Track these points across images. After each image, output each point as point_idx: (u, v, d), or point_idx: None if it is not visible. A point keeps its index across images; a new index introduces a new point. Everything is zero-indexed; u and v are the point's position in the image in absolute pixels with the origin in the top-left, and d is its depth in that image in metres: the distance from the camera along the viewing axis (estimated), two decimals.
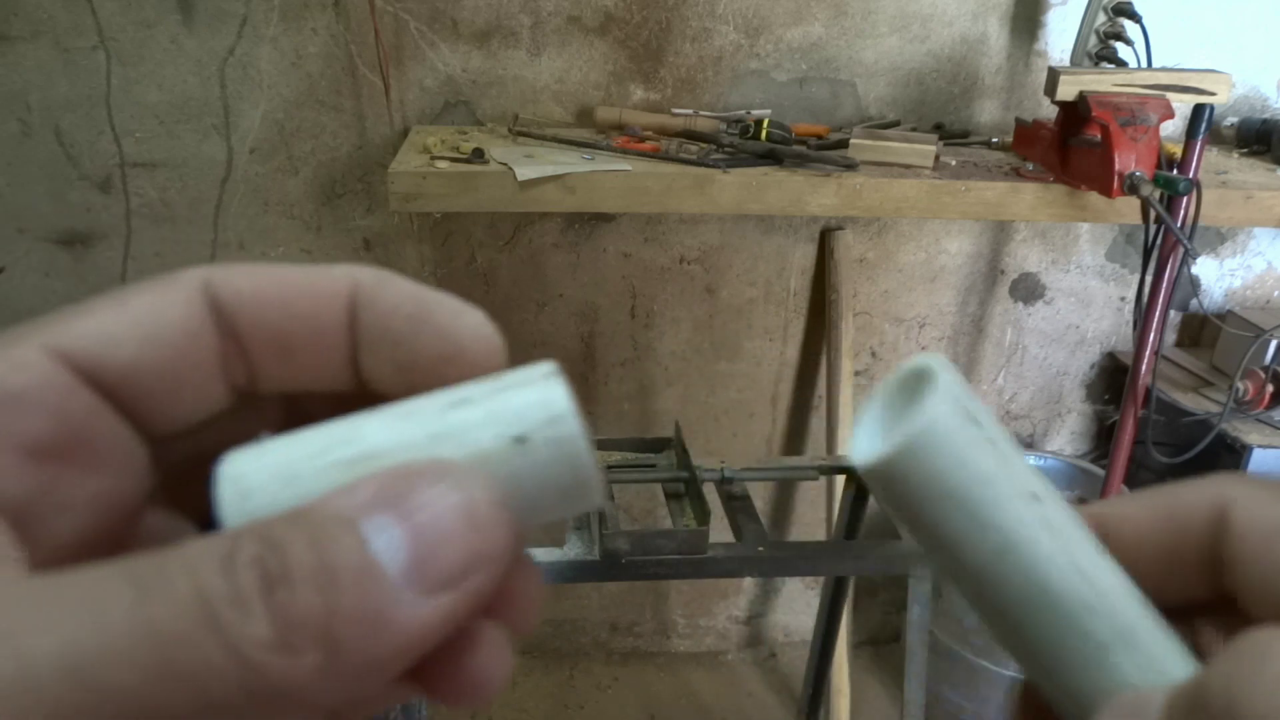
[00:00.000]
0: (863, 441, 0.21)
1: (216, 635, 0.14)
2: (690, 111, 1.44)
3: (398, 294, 0.20)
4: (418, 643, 0.16)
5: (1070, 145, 1.30)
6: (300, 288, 0.20)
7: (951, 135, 1.49)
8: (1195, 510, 0.21)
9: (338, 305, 0.20)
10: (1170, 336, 1.75)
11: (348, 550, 0.15)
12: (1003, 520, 0.20)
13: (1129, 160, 1.19)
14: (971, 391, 0.21)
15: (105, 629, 0.14)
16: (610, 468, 1.19)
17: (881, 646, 1.97)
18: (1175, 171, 1.26)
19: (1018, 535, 0.20)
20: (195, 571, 0.15)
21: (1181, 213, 1.28)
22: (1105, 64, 1.33)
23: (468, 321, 0.20)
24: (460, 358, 0.20)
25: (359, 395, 0.20)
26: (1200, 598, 0.21)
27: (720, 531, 1.08)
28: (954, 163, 1.37)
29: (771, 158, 1.31)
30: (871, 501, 1.26)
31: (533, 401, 0.18)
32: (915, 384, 0.21)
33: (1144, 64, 1.30)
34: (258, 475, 0.18)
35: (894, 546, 1.12)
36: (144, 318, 0.18)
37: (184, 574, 0.15)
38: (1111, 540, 0.21)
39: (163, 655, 0.14)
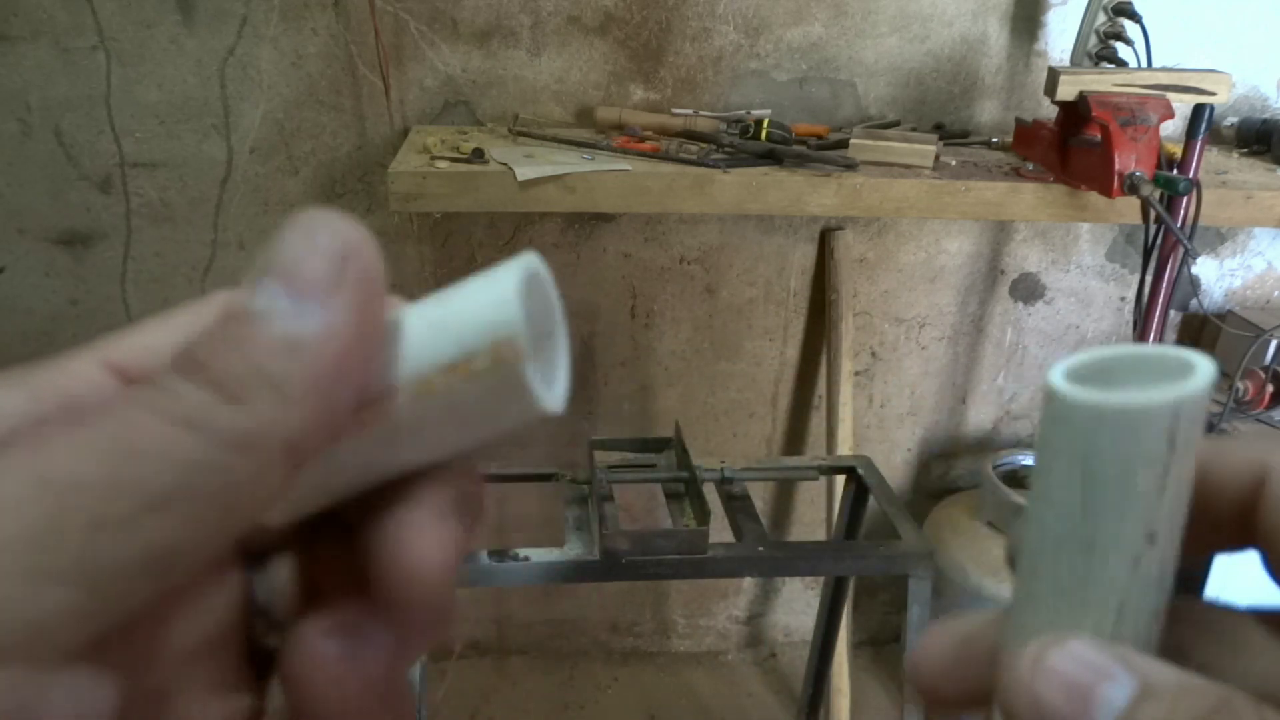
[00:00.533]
0: (1066, 375, 0.20)
1: (162, 418, 0.16)
2: (690, 111, 1.44)
3: None
4: (341, 343, 0.18)
5: (1070, 145, 1.30)
6: None
7: (951, 135, 1.49)
8: (1235, 470, 0.21)
9: None
10: (1170, 336, 1.75)
11: (241, 320, 0.18)
12: (1104, 535, 0.19)
13: (1129, 160, 1.19)
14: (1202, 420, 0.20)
15: (62, 444, 0.16)
16: (610, 468, 1.19)
17: (881, 646, 1.97)
18: (1175, 171, 1.26)
19: (1107, 552, 0.19)
20: (127, 393, 0.17)
21: (1181, 213, 1.28)
22: (1105, 64, 1.33)
23: None
24: None
25: None
26: (1229, 550, 0.22)
27: (720, 531, 1.08)
28: (954, 163, 1.37)
29: (771, 158, 1.31)
30: (872, 501, 1.26)
31: (478, 312, 0.19)
32: (1162, 368, 0.20)
33: (1144, 64, 1.30)
34: None
35: (894, 546, 1.12)
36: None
37: (121, 400, 0.17)
38: None
39: (117, 447, 0.16)
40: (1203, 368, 0.19)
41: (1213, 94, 1.22)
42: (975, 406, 1.80)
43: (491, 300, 0.19)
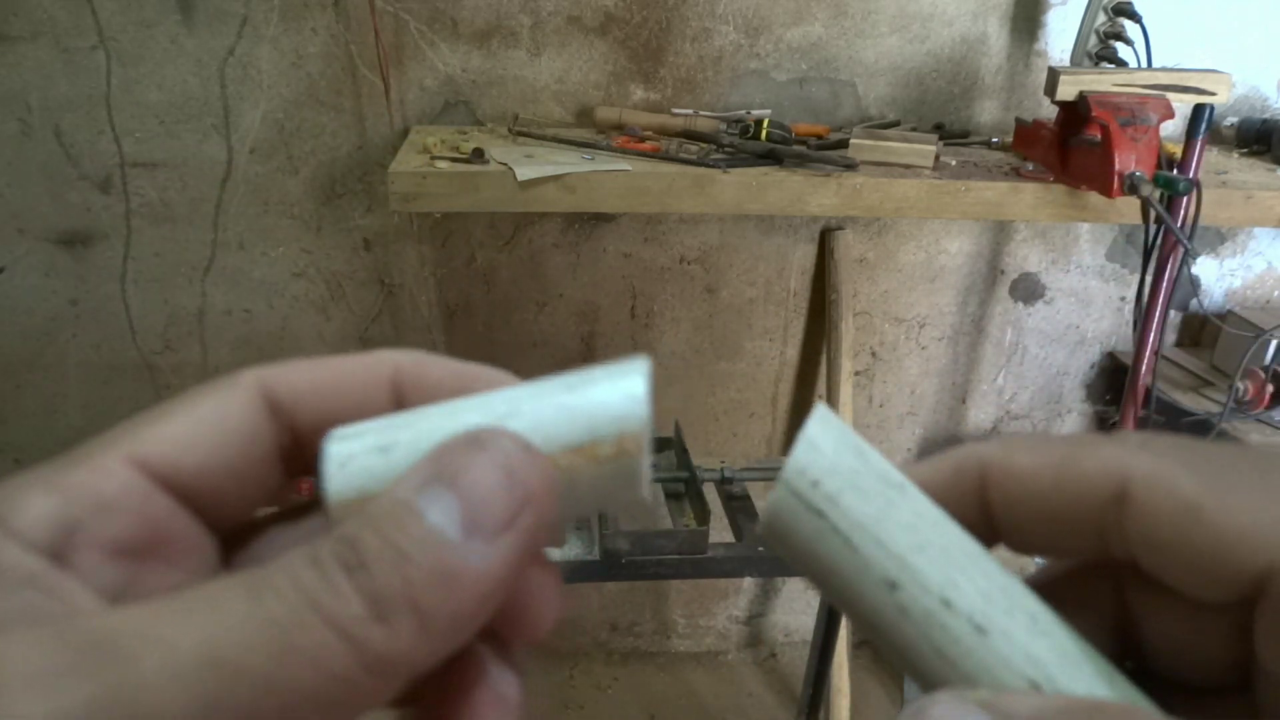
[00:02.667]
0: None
1: (320, 616, 0.17)
2: (690, 111, 1.44)
3: (439, 369, 0.23)
4: (492, 586, 0.18)
5: (1070, 145, 1.30)
6: (349, 378, 0.23)
7: (951, 135, 1.49)
8: (1094, 480, 0.20)
9: (383, 389, 0.23)
10: (1170, 336, 1.75)
11: (409, 526, 0.18)
12: (859, 608, 0.20)
13: (1129, 160, 1.19)
14: (838, 457, 0.20)
15: (233, 624, 0.16)
16: None
17: None
18: (1175, 171, 1.26)
19: (876, 621, 0.20)
20: (291, 570, 0.17)
21: (1181, 213, 1.28)
22: (1105, 64, 1.33)
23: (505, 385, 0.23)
24: None
25: None
26: (1090, 558, 0.21)
27: (720, 531, 1.08)
28: (954, 163, 1.37)
29: (771, 158, 1.31)
30: None
31: (611, 405, 0.20)
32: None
33: (1144, 64, 1.30)
34: (357, 445, 0.20)
35: None
36: (210, 422, 0.21)
37: (283, 574, 0.17)
38: (996, 493, 0.21)
39: (282, 639, 0.16)
40: (806, 432, 0.21)
41: (1213, 94, 1.22)
42: (975, 406, 1.80)
43: (624, 395, 0.20)
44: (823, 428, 0.21)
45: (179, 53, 1.38)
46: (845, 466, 0.20)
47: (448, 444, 0.19)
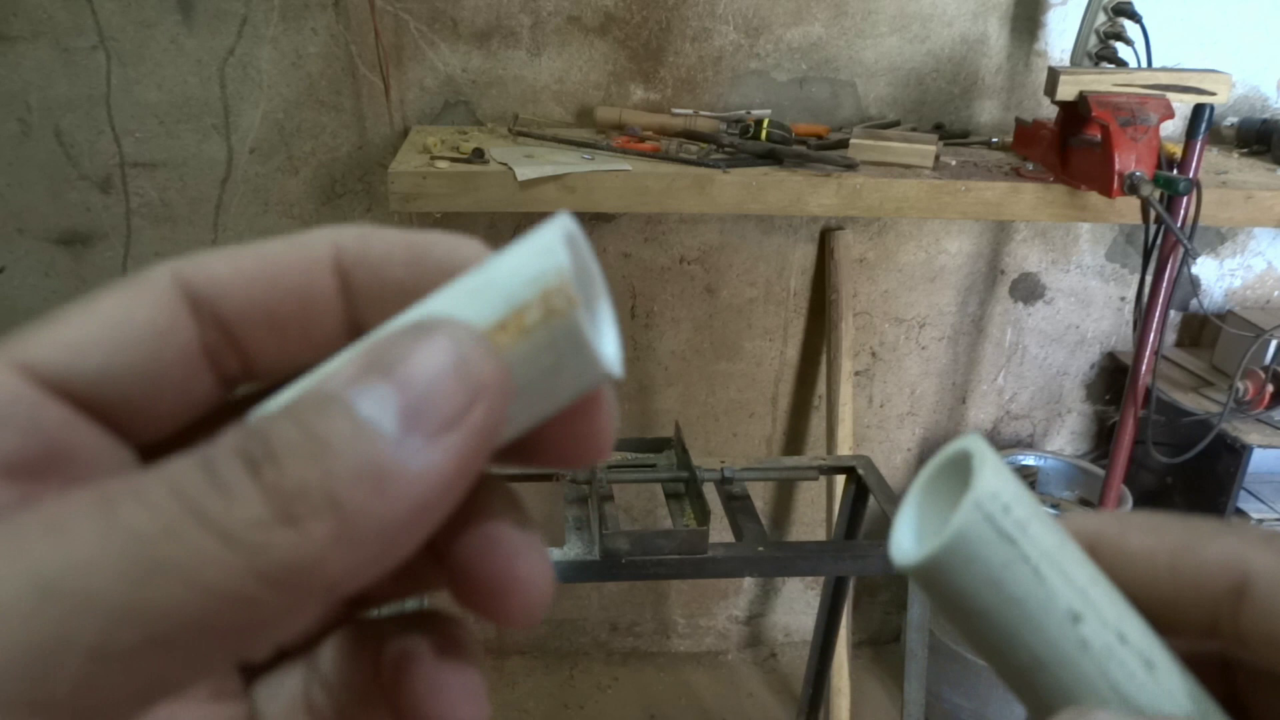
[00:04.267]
0: (903, 534, 0.20)
1: (202, 524, 0.14)
2: (690, 111, 1.44)
3: (387, 244, 0.19)
4: (433, 492, 0.15)
5: (1070, 145, 1.30)
6: (280, 262, 0.19)
7: (951, 135, 1.49)
8: (1212, 571, 0.19)
9: (324, 270, 0.19)
10: (1170, 336, 1.75)
11: (335, 418, 0.15)
12: (1035, 642, 0.19)
13: (1129, 160, 1.19)
14: (1016, 485, 0.19)
15: (74, 541, 0.14)
16: (610, 468, 1.19)
17: (881, 646, 1.97)
18: (1175, 171, 1.26)
19: (1051, 656, 0.19)
20: (169, 473, 0.14)
21: (1181, 213, 1.28)
22: (1105, 64, 1.33)
23: (468, 250, 0.20)
24: None
25: None
26: (1196, 652, 0.21)
27: (720, 531, 1.08)
28: (954, 163, 1.37)
29: (771, 158, 1.31)
30: (872, 501, 1.26)
31: (524, 265, 0.18)
32: (955, 473, 0.20)
33: (1144, 64, 1.30)
34: (279, 399, 0.17)
35: None
36: (111, 322, 0.18)
37: (158, 480, 0.14)
38: (1106, 568, 0.20)
39: (141, 554, 0.13)
40: (981, 456, 0.19)
41: (1213, 94, 1.22)
42: (975, 406, 1.80)
43: (534, 251, 0.18)
44: (988, 452, 0.19)
45: (179, 53, 1.38)
46: (1026, 494, 0.19)
47: (386, 333, 0.16)
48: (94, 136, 1.42)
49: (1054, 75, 1.23)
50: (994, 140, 1.48)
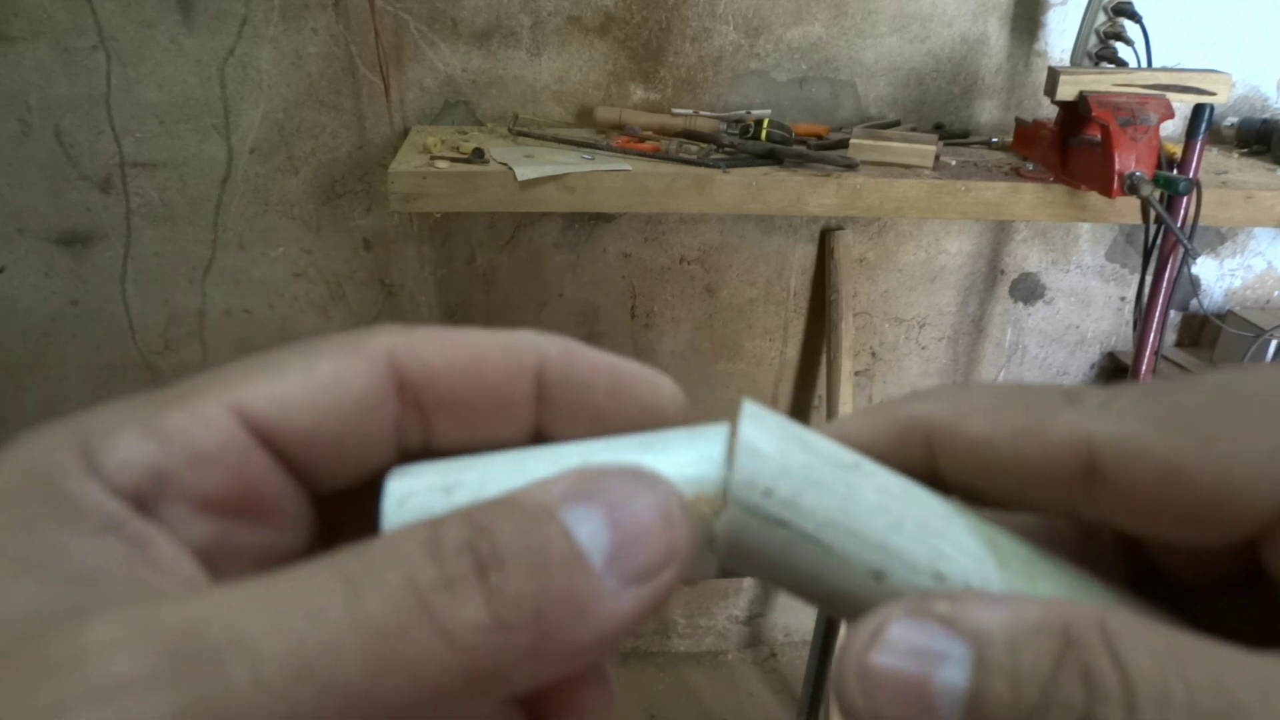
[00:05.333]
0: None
1: (431, 622, 0.15)
2: (690, 111, 1.44)
3: (591, 367, 0.21)
4: (614, 631, 0.16)
5: (1070, 145, 1.30)
6: (487, 361, 0.20)
7: (951, 135, 1.49)
8: (1057, 453, 0.18)
9: (526, 378, 0.20)
10: (1170, 336, 1.75)
11: (556, 536, 0.16)
12: (846, 604, 0.18)
13: (1129, 160, 1.19)
14: (779, 457, 0.18)
15: (326, 626, 0.14)
16: None
17: None
18: (1175, 171, 1.26)
19: (867, 612, 0.18)
20: (404, 561, 0.15)
21: (1181, 213, 1.28)
22: (1105, 64, 1.33)
23: (666, 394, 0.21)
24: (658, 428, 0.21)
25: None
26: (1062, 514, 0.20)
27: None
28: (954, 163, 1.37)
29: (771, 158, 1.31)
30: None
31: (687, 464, 0.19)
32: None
33: (1144, 64, 1.30)
34: (419, 482, 0.19)
35: None
36: (327, 386, 0.19)
37: (393, 565, 0.15)
38: (946, 459, 0.20)
39: (381, 647, 0.14)
40: (741, 435, 0.19)
41: (1213, 94, 1.22)
42: None
43: (699, 456, 0.19)
44: (757, 426, 0.19)
45: (179, 53, 1.38)
46: (795, 463, 0.18)
47: (596, 466, 0.17)
48: (94, 136, 1.42)
49: (1054, 75, 1.23)
50: (994, 140, 1.48)
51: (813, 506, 0.18)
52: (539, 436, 0.21)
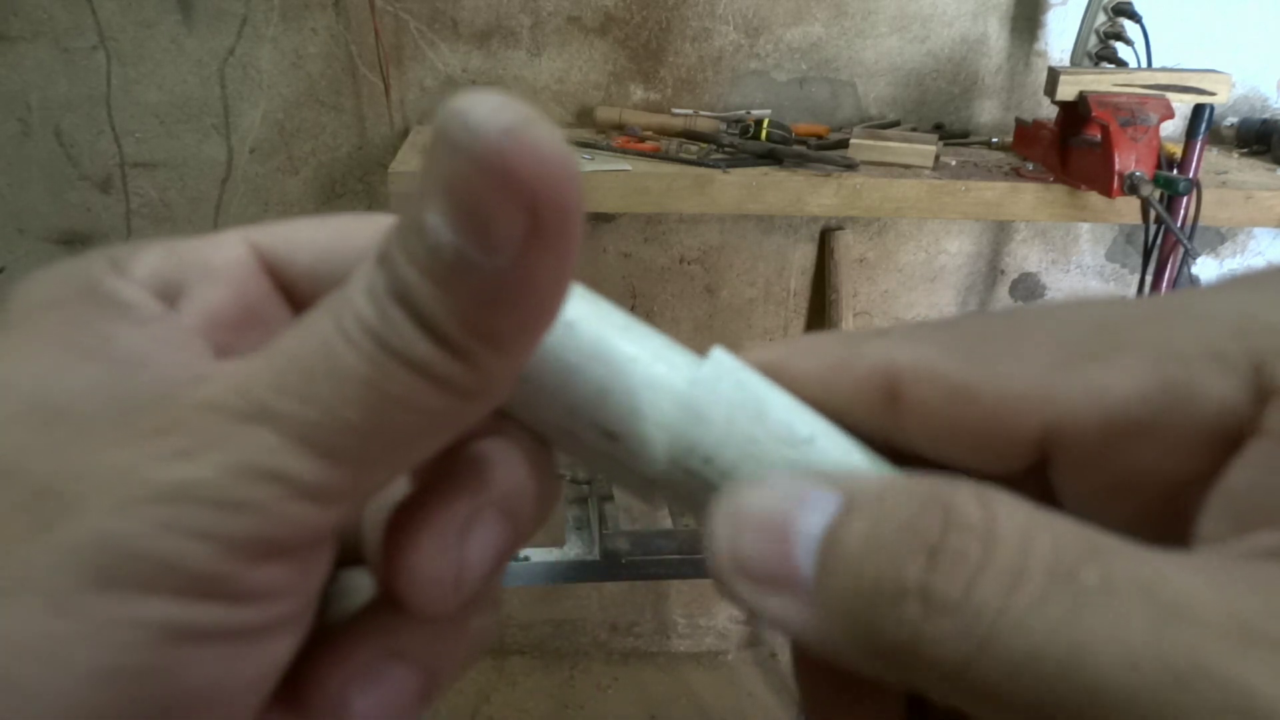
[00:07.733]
0: None
1: (407, 368, 0.16)
2: (690, 111, 1.44)
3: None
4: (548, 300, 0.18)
5: (1070, 145, 1.30)
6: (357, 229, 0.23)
7: (951, 135, 1.49)
8: (865, 381, 0.19)
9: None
10: None
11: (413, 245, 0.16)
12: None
13: (1129, 160, 1.19)
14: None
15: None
16: None
17: None
18: (1175, 171, 1.26)
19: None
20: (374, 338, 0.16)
21: (1181, 213, 1.28)
22: (1105, 64, 1.33)
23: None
24: None
25: None
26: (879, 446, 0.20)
27: None
28: (954, 163, 1.37)
29: (771, 158, 1.32)
30: None
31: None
32: None
33: (1144, 64, 1.30)
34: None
35: None
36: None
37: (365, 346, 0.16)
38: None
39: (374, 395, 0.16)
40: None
41: (1213, 94, 1.22)
42: None
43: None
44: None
45: (179, 53, 1.38)
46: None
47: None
48: (94, 137, 1.42)
49: (1054, 75, 1.23)
50: (994, 140, 1.48)
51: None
52: None
